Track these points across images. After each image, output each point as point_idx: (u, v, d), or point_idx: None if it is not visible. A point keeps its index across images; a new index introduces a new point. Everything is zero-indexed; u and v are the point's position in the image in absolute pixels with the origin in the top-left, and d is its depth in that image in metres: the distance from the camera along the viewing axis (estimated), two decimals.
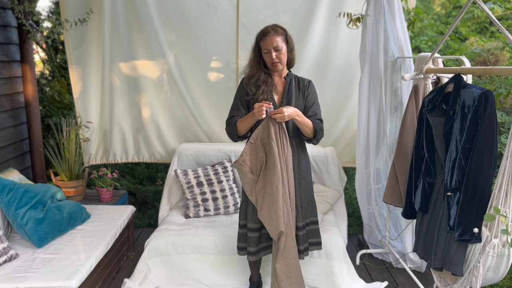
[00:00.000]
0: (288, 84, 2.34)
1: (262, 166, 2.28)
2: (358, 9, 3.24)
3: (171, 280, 2.77)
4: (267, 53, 2.25)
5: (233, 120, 2.35)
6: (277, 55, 2.24)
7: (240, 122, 2.31)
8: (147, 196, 4.65)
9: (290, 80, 2.35)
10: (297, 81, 2.36)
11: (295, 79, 2.37)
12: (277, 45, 2.21)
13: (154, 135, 3.85)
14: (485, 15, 3.76)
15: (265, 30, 2.26)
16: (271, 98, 2.30)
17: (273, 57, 2.23)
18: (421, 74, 2.41)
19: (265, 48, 2.24)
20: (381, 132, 3.09)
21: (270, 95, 2.30)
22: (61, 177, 3.53)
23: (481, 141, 1.78)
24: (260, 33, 2.27)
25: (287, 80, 2.35)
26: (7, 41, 3.41)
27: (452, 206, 1.90)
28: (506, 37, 1.73)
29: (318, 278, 2.73)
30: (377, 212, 3.25)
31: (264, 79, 2.29)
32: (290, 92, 2.33)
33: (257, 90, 2.28)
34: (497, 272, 1.82)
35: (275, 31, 2.23)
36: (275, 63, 2.25)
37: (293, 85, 2.34)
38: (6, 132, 3.42)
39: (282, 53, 2.25)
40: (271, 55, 2.23)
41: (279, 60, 2.25)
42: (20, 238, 2.67)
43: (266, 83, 2.28)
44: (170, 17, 3.58)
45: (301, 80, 2.37)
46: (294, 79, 2.37)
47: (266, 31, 2.25)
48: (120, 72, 3.71)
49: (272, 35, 2.21)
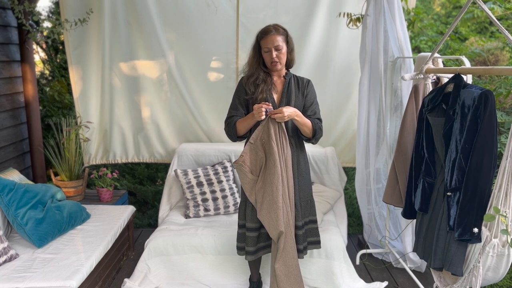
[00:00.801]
0: (288, 83, 2.34)
1: (262, 166, 2.28)
2: (358, 9, 3.24)
3: (171, 280, 2.77)
4: (267, 52, 2.25)
5: (233, 120, 2.34)
6: (277, 55, 2.24)
7: (240, 123, 2.30)
8: (147, 196, 4.65)
9: (289, 79, 2.35)
10: (296, 80, 2.37)
11: (294, 78, 2.37)
12: (277, 45, 2.22)
13: (154, 135, 3.85)
14: (485, 15, 3.76)
15: (267, 29, 2.26)
16: (270, 97, 2.30)
17: (273, 56, 2.23)
18: (421, 74, 2.41)
19: (266, 46, 2.24)
20: (381, 132, 3.09)
21: (269, 94, 2.30)
22: (61, 177, 3.53)
23: (481, 141, 1.78)
24: (261, 32, 2.27)
25: (286, 79, 2.35)
26: (7, 41, 3.41)
27: (452, 206, 1.90)
28: (506, 37, 1.73)
29: (318, 278, 2.73)
30: (377, 212, 3.25)
31: (263, 78, 2.29)
32: (290, 91, 2.33)
33: (256, 89, 2.28)
34: (497, 272, 1.82)
35: (276, 30, 2.24)
36: (274, 62, 2.25)
37: (293, 85, 2.35)
38: (6, 132, 3.42)
39: (282, 53, 2.25)
40: (271, 54, 2.24)
41: (278, 59, 2.25)
42: (20, 238, 2.67)
43: (265, 82, 2.28)
44: (170, 17, 3.58)
45: (300, 79, 2.37)
46: (293, 78, 2.37)
47: (267, 30, 2.25)
48: (120, 72, 3.71)
49: (273, 34, 2.22)
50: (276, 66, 2.28)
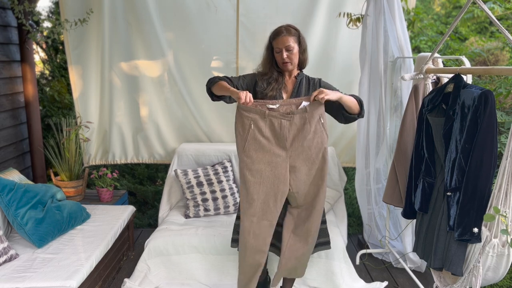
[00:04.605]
0: (298, 84, 2.35)
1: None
2: (358, 9, 3.24)
3: (171, 280, 2.77)
4: (279, 53, 2.26)
5: (221, 78, 2.28)
6: (288, 55, 2.25)
7: (222, 84, 2.21)
8: (147, 196, 4.65)
9: (300, 80, 2.36)
10: (307, 81, 2.37)
11: (306, 79, 2.38)
12: (288, 45, 2.23)
13: (153, 135, 3.84)
14: (485, 15, 3.76)
15: (278, 30, 2.27)
16: (280, 96, 2.30)
17: (284, 56, 2.24)
18: (421, 74, 2.41)
19: (277, 47, 2.26)
20: (381, 132, 3.09)
21: (279, 93, 2.30)
22: (61, 177, 3.53)
23: (481, 141, 1.78)
24: (273, 33, 2.29)
25: (298, 80, 2.35)
26: (7, 41, 3.41)
27: (452, 206, 1.90)
28: (506, 37, 1.73)
29: (318, 278, 2.73)
30: (377, 212, 3.25)
31: (276, 78, 2.30)
32: (300, 91, 2.33)
33: (268, 87, 2.29)
34: (497, 272, 1.82)
35: (287, 31, 2.25)
36: (285, 62, 2.26)
37: (303, 85, 2.35)
38: (6, 132, 3.42)
39: (294, 54, 2.26)
40: (282, 54, 2.25)
41: (289, 60, 2.26)
42: (20, 238, 2.67)
43: (277, 81, 2.30)
44: (170, 17, 3.58)
45: (311, 79, 2.38)
46: (305, 79, 2.37)
47: (279, 31, 2.26)
48: (120, 72, 3.71)
49: (284, 35, 2.23)
50: (287, 66, 2.28)
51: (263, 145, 2.18)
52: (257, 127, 2.17)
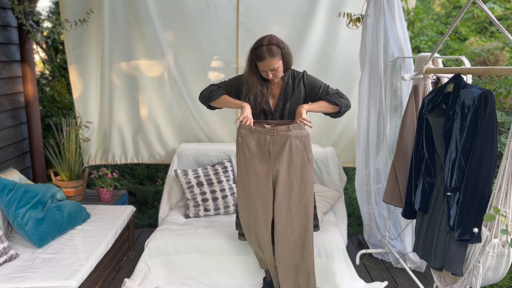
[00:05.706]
0: (285, 84, 2.36)
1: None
2: (358, 9, 3.24)
3: (171, 280, 2.77)
4: (264, 72, 2.28)
5: (220, 90, 2.40)
6: (274, 73, 2.27)
7: (227, 98, 2.39)
8: (147, 196, 4.64)
9: (287, 80, 2.37)
10: (293, 77, 2.39)
11: (292, 76, 2.39)
12: (273, 67, 2.23)
13: (153, 135, 3.84)
14: (485, 15, 3.76)
15: (260, 53, 2.20)
16: (267, 106, 2.36)
17: (270, 77, 2.28)
18: (421, 74, 2.41)
19: (262, 69, 2.28)
20: (381, 132, 3.09)
21: (266, 104, 2.36)
22: (61, 177, 3.53)
23: (481, 141, 1.78)
24: (256, 55, 2.23)
25: (285, 80, 2.36)
26: (7, 41, 3.41)
27: (452, 206, 1.90)
28: (506, 37, 1.73)
29: (318, 278, 2.72)
30: (377, 212, 3.25)
31: (261, 91, 2.34)
32: (287, 92, 2.36)
33: (254, 102, 2.35)
34: (497, 272, 1.82)
35: (270, 54, 2.20)
36: (272, 79, 2.30)
37: (290, 83, 2.37)
38: (6, 132, 3.43)
39: (278, 70, 2.28)
40: (267, 74, 2.27)
41: (275, 76, 2.29)
42: (20, 238, 2.67)
43: (262, 94, 2.34)
44: (170, 17, 3.58)
45: (296, 75, 2.39)
46: (291, 77, 2.39)
47: (261, 55, 2.20)
48: (120, 72, 3.71)
49: (267, 60, 2.21)
50: (274, 81, 2.34)
51: (249, 157, 2.32)
52: (245, 141, 2.31)
